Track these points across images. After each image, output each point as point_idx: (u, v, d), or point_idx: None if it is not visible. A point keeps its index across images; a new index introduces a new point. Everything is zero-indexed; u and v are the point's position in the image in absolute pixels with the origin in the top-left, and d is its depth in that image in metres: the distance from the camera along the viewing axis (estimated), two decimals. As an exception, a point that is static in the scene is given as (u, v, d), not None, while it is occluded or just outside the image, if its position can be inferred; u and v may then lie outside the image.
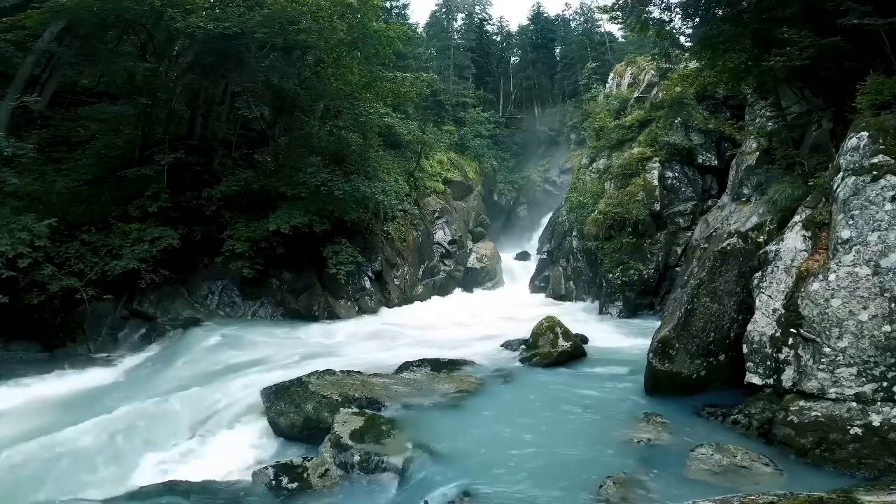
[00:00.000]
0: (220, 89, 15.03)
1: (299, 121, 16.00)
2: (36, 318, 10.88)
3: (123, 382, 9.21)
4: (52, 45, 12.36)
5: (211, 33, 12.22)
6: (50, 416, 7.28)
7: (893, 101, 6.24)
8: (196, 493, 5.26)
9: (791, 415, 5.46)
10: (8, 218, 9.93)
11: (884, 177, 5.56)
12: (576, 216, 17.83)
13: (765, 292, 6.28)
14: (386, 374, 8.26)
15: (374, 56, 15.59)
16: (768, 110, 11.60)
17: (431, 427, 6.24)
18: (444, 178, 24.15)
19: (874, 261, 5.36)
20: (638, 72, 21.55)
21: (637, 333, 11.36)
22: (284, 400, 6.95)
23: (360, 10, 14.11)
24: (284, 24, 13.04)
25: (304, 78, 15.22)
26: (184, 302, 12.81)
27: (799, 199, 7.58)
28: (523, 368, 9.03)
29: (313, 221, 13.35)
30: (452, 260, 21.46)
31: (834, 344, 5.41)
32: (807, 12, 8.07)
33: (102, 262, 11.41)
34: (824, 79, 8.64)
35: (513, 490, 4.77)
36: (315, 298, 14.01)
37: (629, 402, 6.98)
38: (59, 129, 13.82)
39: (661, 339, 7.02)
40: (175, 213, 12.80)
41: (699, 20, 10.74)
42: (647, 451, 5.47)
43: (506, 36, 48.45)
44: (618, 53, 35.17)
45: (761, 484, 4.63)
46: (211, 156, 14.61)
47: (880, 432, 4.92)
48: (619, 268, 14.70)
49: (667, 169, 15.79)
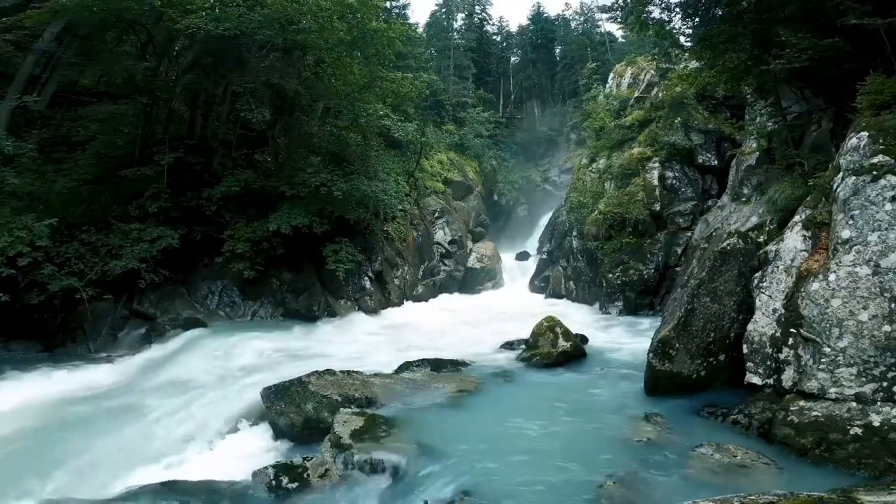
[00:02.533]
0: (220, 89, 15.02)
1: (299, 121, 16.00)
2: (36, 318, 10.88)
3: (123, 382, 9.19)
4: (52, 45, 12.36)
5: (211, 34, 12.22)
6: (49, 416, 7.29)
7: (893, 101, 6.24)
8: (196, 493, 5.25)
9: (791, 415, 5.46)
10: (8, 218, 9.93)
11: (884, 177, 5.56)
12: (576, 216, 17.83)
13: (765, 292, 6.28)
14: (386, 374, 8.26)
15: (375, 56, 15.59)
16: (768, 110, 11.60)
17: (431, 427, 6.23)
18: (444, 178, 24.14)
19: (874, 261, 5.36)
20: (638, 72, 21.56)
21: (637, 333, 11.37)
22: (284, 400, 6.94)
23: (359, 11, 14.12)
24: (284, 24, 13.04)
25: (304, 78, 15.21)
26: (184, 302, 12.81)
27: (799, 199, 7.57)
28: (523, 368, 9.02)
29: (313, 222, 13.35)
30: (452, 260, 21.45)
31: (834, 344, 5.41)
32: (806, 12, 8.06)
33: (102, 262, 11.41)
34: (824, 79, 8.64)
35: (513, 490, 4.76)
36: (315, 298, 14.01)
37: (629, 402, 6.98)
38: (59, 129, 13.82)
39: (661, 339, 7.02)
40: (175, 213, 12.81)
41: (699, 20, 10.73)
42: (646, 450, 5.46)
43: (506, 36, 48.56)
44: (618, 53, 35.20)
45: (761, 484, 4.62)
46: (211, 156, 14.61)
47: (880, 432, 4.92)
48: (619, 268, 14.70)
49: (667, 169, 15.79)
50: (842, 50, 7.46)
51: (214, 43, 12.93)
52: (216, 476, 5.73)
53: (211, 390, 7.90)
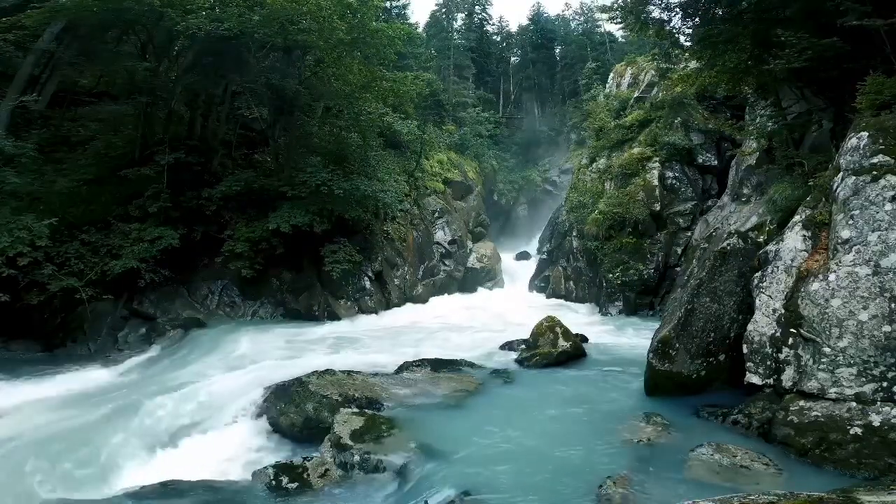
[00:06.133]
0: (220, 89, 15.03)
1: (299, 121, 16.00)
2: (36, 318, 10.89)
3: (123, 382, 9.19)
4: (52, 45, 12.37)
5: (211, 34, 12.22)
6: (49, 416, 7.28)
7: (893, 101, 6.24)
8: (196, 493, 5.25)
9: (791, 415, 5.46)
10: (8, 218, 9.93)
11: (884, 177, 5.56)
12: (576, 216, 17.84)
13: (765, 292, 6.27)
14: (386, 374, 8.27)
15: (375, 56, 15.59)
16: (768, 110, 11.59)
17: (431, 427, 6.23)
18: (444, 178, 24.12)
19: (874, 261, 5.36)
20: (638, 72, 21.57)
21: (637, 333, 11.37)
22: (284, 400, 6.95)
23: (359, 10, 14.12)
24: (284, 24, 13.03)
25: (304, 78, 15.22)
26: (184, 302, 12.81)
27: (799, 199, 7.57)
28: (523, 368, 9.02)
29: (313, 221, 13.35)
30: (452, 260, 21.45)
31: (834, 344, 5.41)
32: (806, 12, 8.07)
33: (102, 262, 11.41)
34: (824, 79, 8.64)
35: (513, 490, 4.77)
36: (315, 298, 14.01)
37: (629, 402, 6.98)
38: (59, 129, 13.81)
39: (661, 339, 7.02)
40: (175, 213, 12.81)
41: (699, 20, 10.73)
42: (646, 450, 5.46)
43: (506, 36, 48.49)
44: (618, 53, 35.20)
45: (761, 484, 4.62)
46: (211, 156, 14.61)
47: (880, 432, 4.92)
48: (619, 268, 14.70)
49: (667, 169, 15.80)
50: (842, 50, 7.46)
51: (214, 43, 12.93)
52: (216, 476, 5.75)
53: (210, 390, 7.88)
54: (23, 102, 11.44)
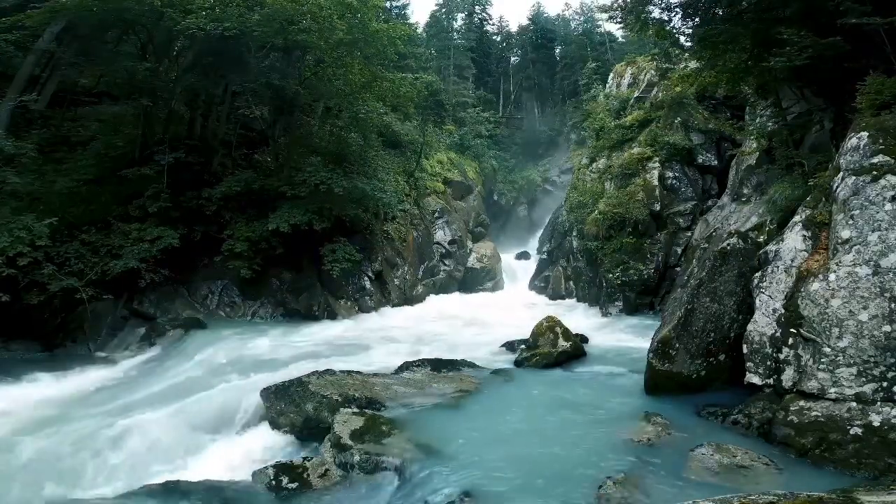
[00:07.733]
0: (220, 89, 15.03)
1: (299, 121, 16.01)
2: (36, 318, 10.87)
3: (123, 382, 9.19)
4: (52, 45, 12.39)
5: (211, 34, 12.22)
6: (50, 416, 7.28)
7: (893, 101, 6.24)
8: (196, 493, 5.25)
9: (791, 415, 5.46)
10: (8, 218, 9.94)
11: (884, 177, 5.56)
12: (576, 216, 17.84)
13: (765, 292, 6.27)
14: (386, 374, 8.26)
15: (375, 56, 15.60)
16: (768, 110, 11.61)
17: (432, 427, 6.22)
18: (443, 178, 24.14)
19: (874, 261, 5.36)
20: (638, 72, 21.55)
21: (637, 333, 11.36)
22: (284, 400, 6.94)
23: (360, 10, 14.12)
24: (284, 24, 13.04)
25: (304, 78, 15.22)
26: (184, 302, 12.81)
27: (799, 199, 7.57)
28: (523, 368, 9.02)
29: (312, 220, 13.35)
30: (452, 260, 21.46)
31: (834, 344, 5.41)
32: (807, 12, 8.06)
33: (102, 261, 11.42)
34: (824, 79, 8.64)
35: (513, 490, 4.76)
36: (315, 298, 14.01)
37: (629, 402, 6.97)
38: (59, 129, 13.82)
39: (661, 339, 7.02)
40: (175, 213, 12.81)
41: (699, 20, 10.73)
42: (646, 450, 5.46)
43: (506, 36, 48.50)
44: (618, 53, 35.20)
45: (761, 484, 4.62)
46: (211, 156, 14.62)
47: (880, 432, 4.92)
48: (619, 268, 14.69)
49: (667, 169, 15.79)
50: (842, 49, 7.46)
51: (214, 43, 12.94)
52: (216, 476, 5.74)
53: (210, 390, 7.88)
54: (23, 102, 11.45)
